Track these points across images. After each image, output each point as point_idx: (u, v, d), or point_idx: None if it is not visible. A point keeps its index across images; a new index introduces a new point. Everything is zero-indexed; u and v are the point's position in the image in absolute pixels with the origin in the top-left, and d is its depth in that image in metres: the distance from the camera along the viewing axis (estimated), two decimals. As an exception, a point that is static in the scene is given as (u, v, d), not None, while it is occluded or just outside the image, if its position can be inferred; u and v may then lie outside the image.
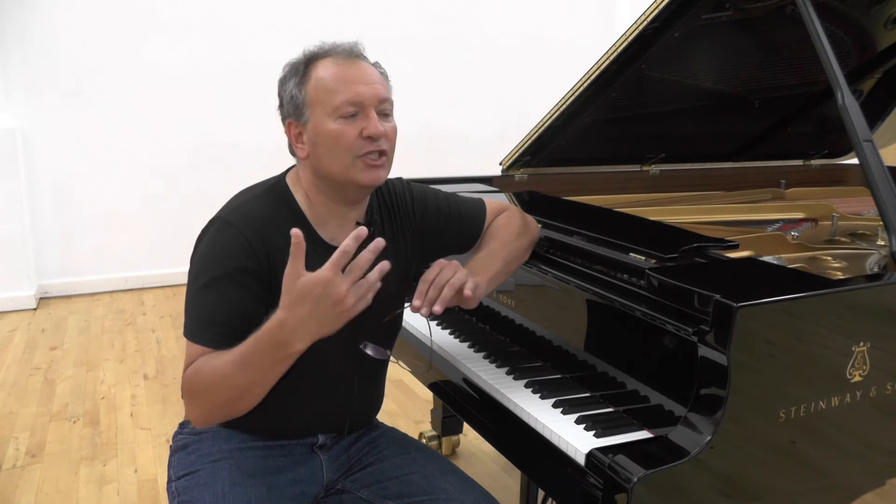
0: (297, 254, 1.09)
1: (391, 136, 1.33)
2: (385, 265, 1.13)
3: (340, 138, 1.27)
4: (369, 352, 1.37)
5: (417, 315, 1.55)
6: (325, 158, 1.29)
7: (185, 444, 1.40)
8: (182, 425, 1.45)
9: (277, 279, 1.26)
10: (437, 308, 1.28)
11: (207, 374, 1.20)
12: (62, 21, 4.47)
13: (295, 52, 1.39)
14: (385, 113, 1.32)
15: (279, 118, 1.37)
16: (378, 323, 1.39)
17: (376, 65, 1.36)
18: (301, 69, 1.31)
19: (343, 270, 1.09)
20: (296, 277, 1.09)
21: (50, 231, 4.64)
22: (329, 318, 1.11)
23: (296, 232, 1.09)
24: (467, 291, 1.29)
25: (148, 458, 2.66)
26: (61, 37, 4.48)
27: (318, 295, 1.09)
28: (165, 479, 1.41)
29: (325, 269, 1.08)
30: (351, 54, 1.32)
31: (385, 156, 1.32)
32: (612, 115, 2.19)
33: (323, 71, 1.29)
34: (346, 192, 1.34)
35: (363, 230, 1.10)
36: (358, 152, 1.28)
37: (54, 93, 4.53)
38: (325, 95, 1.28)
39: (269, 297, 1.27)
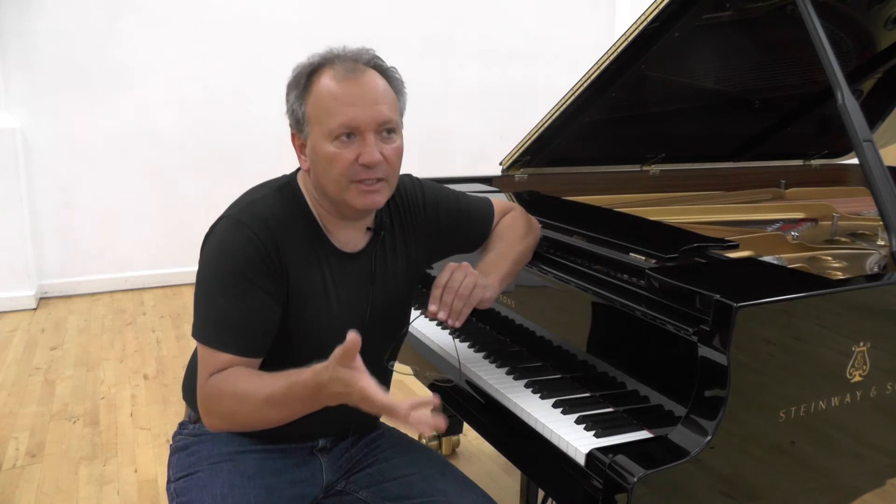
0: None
1: (392, 159, 1.27)
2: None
3: (334, 162, 1.23)
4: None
5: (433, 328, 1.56)
6: (322, 178, 1.27)
7: (185, 444, 1.40)
8: (182, 426, 1.44)
9: (289, 277, 1.27)
10: (457, 323, 1.28)
11: (231, 403, 1.22)
12: (62, 21, 4.47)
13: (295, 53, 1.38)
14: (389, 130, 1.26)
15: (285, 119, 1.35)
16: (389, 331, 1.42)
17: (392, 70, 1.31)
18: (303, 81, 1.26)
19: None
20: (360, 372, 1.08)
21: (50, 231, 4.64)
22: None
23: (352, 338, 1.05)
24: (486, 304, 1.32)
25: (148, 458, 2.65)
26: (61, 37, 4.48)
27: (359, 399, 1.09)
28: (165, 479, 1.41)
29: (381, 395, 1.07)
30: (357, 62, 1.26)
31: (383, 181, 1.27)
32: (613, 115, 2.18)
33: (322, 87, 1.24)
34: (343, 210, 1.32)
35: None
36: (352, 178, 1.24)
37: (54, 93, 4.53)
38: (322, 115, 1.23)
39: (282, 296, 1.28)
